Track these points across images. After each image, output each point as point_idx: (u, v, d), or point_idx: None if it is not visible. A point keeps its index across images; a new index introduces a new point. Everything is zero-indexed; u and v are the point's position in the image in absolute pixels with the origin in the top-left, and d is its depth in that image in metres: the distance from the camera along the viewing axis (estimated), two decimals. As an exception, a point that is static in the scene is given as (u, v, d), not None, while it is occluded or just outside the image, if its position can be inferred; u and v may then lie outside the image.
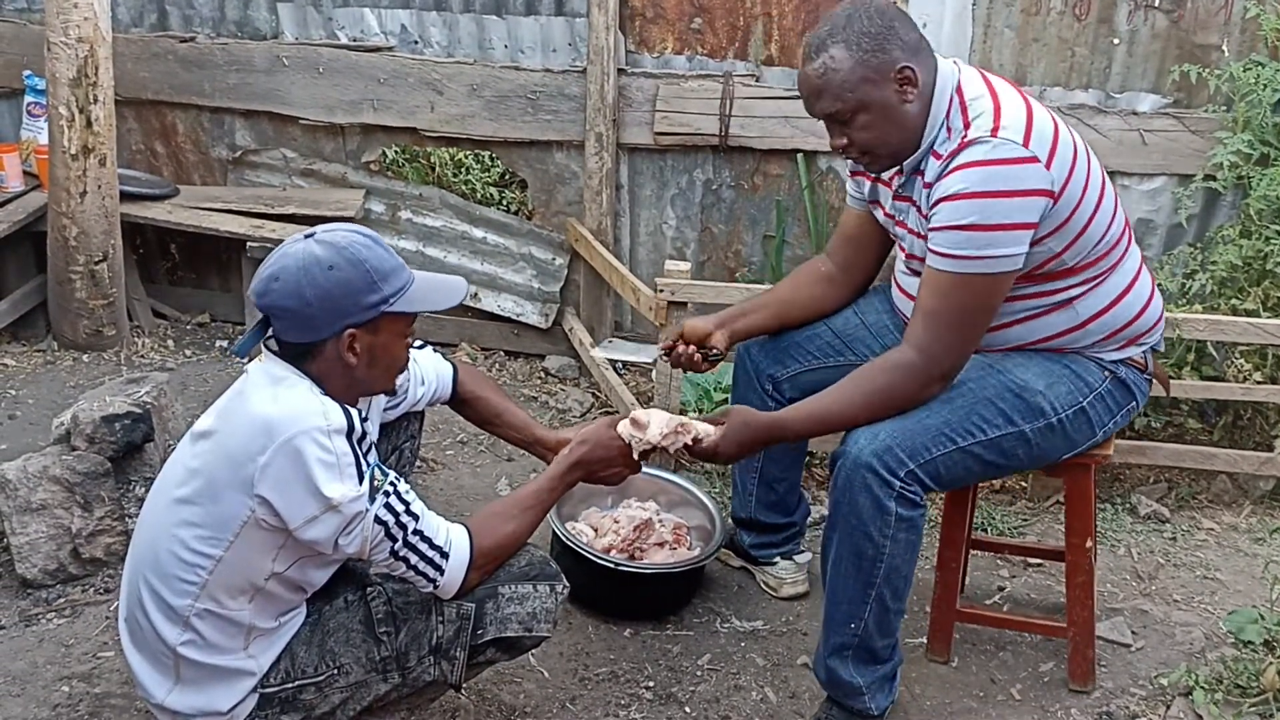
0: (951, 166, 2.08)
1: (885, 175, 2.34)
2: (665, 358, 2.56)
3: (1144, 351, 2.37)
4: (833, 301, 2.59)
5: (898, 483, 2.15)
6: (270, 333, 1.89)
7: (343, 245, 1.84)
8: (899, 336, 2.48)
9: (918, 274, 2.29)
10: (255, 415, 1.81)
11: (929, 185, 2.15)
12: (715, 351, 2.50)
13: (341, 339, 1.84)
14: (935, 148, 2.15)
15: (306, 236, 1.87)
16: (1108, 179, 2.25)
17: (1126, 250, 2.29)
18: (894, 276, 2.47)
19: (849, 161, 2.35)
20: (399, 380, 2.06)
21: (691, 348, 2.49)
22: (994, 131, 2.07)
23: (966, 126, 2.11)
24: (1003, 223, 2.04)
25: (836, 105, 2.13)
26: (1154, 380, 2.44)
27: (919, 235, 2.23)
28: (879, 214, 2.43)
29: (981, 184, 2.04)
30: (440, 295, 1.94)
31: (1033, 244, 2.11)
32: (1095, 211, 2.16)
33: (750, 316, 2.59)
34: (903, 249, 2.37)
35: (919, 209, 2.22)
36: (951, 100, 2.15)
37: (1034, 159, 2.05)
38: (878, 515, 2.17)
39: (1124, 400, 2.35)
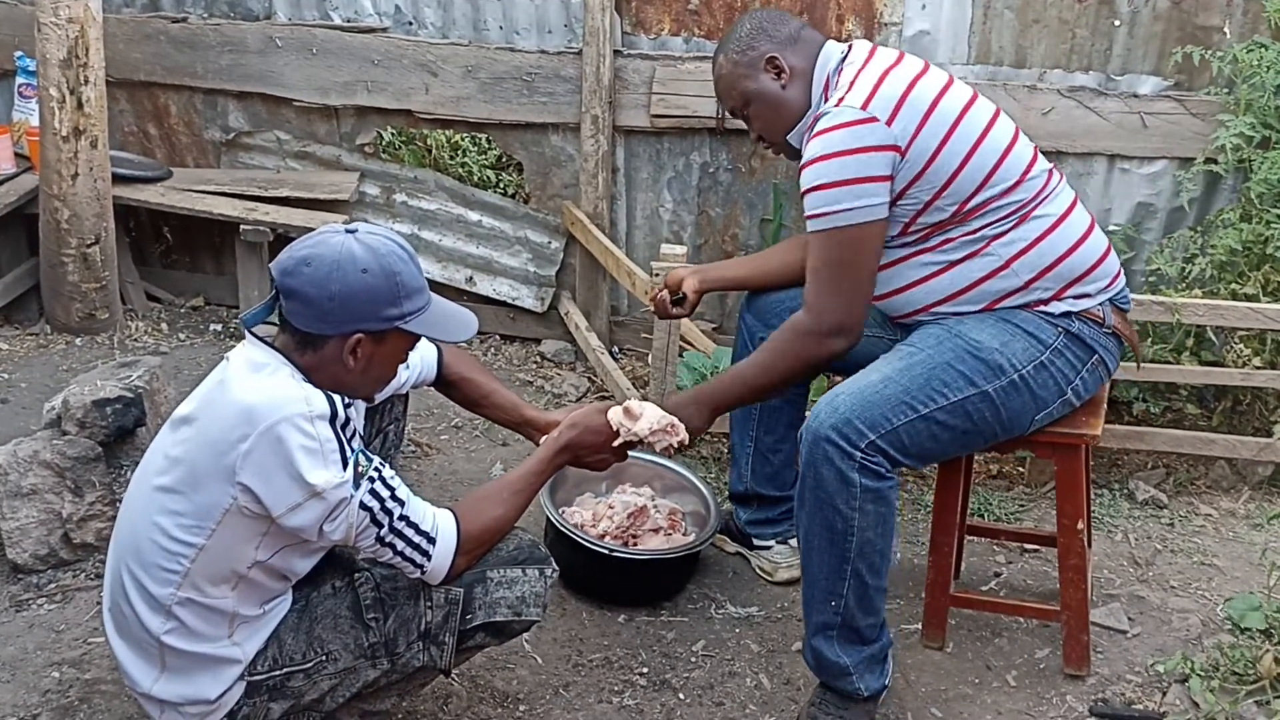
0: (808, 140, 2.29)
1: None
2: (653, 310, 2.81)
3: (1099, 305, 2.37)
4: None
5: (859, 454, 2.18)
6: (279, 310, 1.88)
7: (382, 252, 1.84)
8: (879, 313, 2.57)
9: None
10: (237, 402, 1.80)
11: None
12: (681, 295, 2.72)
13: (348, 341, 1.84)
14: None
15: (348, 231, 1.86)
16: (1002, 126, 2.33)
17: (1043, 192, 2.33)
18: None
19: None
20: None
21: (664, 292, 2.76)
22: (838, 102, 2.24)
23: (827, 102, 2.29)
24: (851, 178, 2.19)
25: (730, 102, 2.44)
26: (1122, 341, 2.43)
27: None
28: None
29: (825, 148, 2.21)
30: (453, 326, 1.96)
31: (899, 195, 2.25)
32: (966, 159, 2.25)
33: (724, 267, 2.86)
34: None
35: None
36: (828, 80, 2.33)
37: (872, 119, 2.20)
38: (843, 488, 2.20)
39: (1085, 355, 2.35)
